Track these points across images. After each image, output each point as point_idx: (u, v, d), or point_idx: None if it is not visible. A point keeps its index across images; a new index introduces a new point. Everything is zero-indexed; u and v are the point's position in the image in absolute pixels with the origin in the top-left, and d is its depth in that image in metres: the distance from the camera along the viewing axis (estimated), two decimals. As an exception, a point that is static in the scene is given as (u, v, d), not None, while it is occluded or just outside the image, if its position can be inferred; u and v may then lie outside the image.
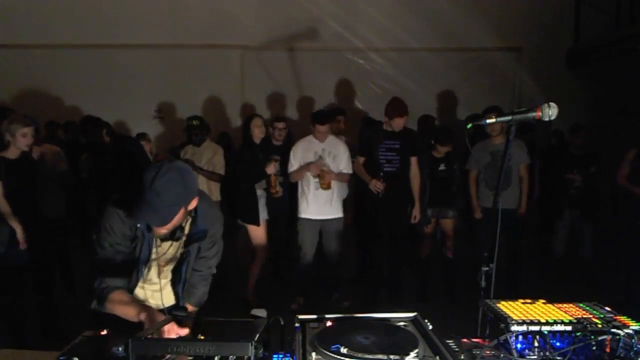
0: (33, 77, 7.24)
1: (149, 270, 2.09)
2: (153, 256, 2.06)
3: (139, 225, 1.94)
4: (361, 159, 4.75)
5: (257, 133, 4.71)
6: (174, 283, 2.17)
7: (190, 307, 2.16)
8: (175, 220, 1.87)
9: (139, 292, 2.12)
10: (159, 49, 7.20)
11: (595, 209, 5.53)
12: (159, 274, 2.11)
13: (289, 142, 5.10)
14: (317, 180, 4.60)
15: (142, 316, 1.78)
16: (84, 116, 5.67)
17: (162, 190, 1.75)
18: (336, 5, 7.28)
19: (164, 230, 1.91)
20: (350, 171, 4.75)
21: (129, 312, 1.86)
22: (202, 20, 7.24)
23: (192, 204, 1.92)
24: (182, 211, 1.86)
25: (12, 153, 3.81)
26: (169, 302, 2.18)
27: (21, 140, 3.77)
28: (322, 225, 4.73)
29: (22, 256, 3.80)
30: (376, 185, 4.55)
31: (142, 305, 1.89)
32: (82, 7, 7.16)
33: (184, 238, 2.05)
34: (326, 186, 4.57)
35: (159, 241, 2.04)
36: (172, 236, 1.96)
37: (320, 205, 4.65)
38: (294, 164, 4.70)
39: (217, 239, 2.18)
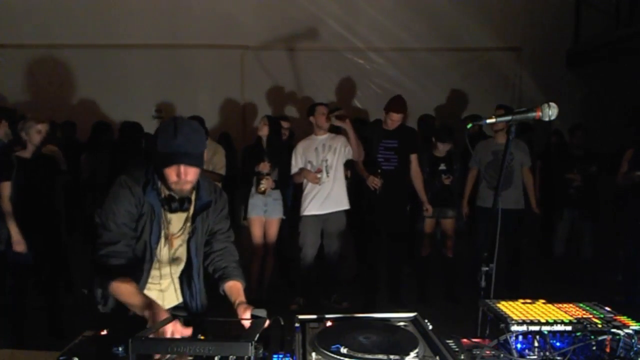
0: (33, 77, 7.24)
1: (160, 251, 2.04)
2: (163, 232, 2.02)
3: (148, 199, 1.94)
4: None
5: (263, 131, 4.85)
6: (183, 280, 2.14)
7: (240, 283, 2.05)
8: (199, 171, 1.93)
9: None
10: (159, 49, 7.19)
11: (595, 209, 5.53)
12: (170, 261, 2.07)
13: (290, 142, 5.14)
14: (319, 175, 4.62)
15: (147, 313, 1.76)
16: (125, 122, 5.38)
17: (188, 136, 1.83)
18: (336, 5, 7.27)
19: (188, 185, 1.91)
20: (357, 154, 4.67)
21: (133, 303, 1.83)
22: (202, 20, 7.23)
23: (205, 157, 1.99)
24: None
25: (27, 152, 3.89)
26: (173, 303, 2.15)
27: (35, 136, 3.88)
28: (324, 221, 4.73)
29: (24, 256, 3.82)
30: (373, 182, 4.55)
31: (147, 300, 1.84)
32: (82, 7, 7.14)
33: (191, 211, 2.05)
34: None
35: (167, 216, 2.02)
36: (181, 206, 1.98)
37: (322, 200, 4.66)
38: (295, 165, 4.74)
39: (226, 215, 2.19)
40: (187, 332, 1.69)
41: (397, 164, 4.69)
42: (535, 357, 1.62)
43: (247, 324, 1.78)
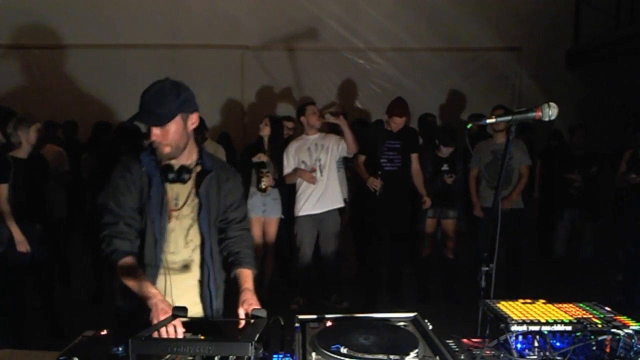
0: (33, 77, 7.24)
1: (170, 234, 1.98)
2: (169, 206, 1.97)
3: (145, 167, 1.94)
4: (361, 157, 4.76)
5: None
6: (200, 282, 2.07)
7: (249, 270, 2.02)
8: (174, 132, 1.89)
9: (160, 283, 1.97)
10: (159, 49, 7.19)
11: (595, 209, 5.52)
12: (184, 237, 2.01)
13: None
14: (313, 174, 4.63)
15: (149, 302, 1.76)
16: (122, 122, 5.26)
17: (154, 95, 1.87)
18: (336, 5, 7.27)
19: (165, 148, 1.89)
20: (352, 150, 4.65)
21: (136, 290, 1.83)
22: (202, 20, 7.23)
23: (193, 120, 1.96)
24: (179, 121, 1.90)
25: (22, 152, 3.86)
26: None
27: (34, 135, 3.86)
28: (319, 221, 4.73)
29: (23, 256, 3.81)
30: (373, 183, 4.56)
31: (149, 289, 1.82)
32: (82, 7, 7.15)
33: (193, 184, 2.00)
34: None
35: (173, 190, 1.99)
36: (179, 176, 1.95)
37: (317, 199, 4.66)
38: (287, 166, 4.72)
39: (239, 200, 2.12)
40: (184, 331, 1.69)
41: (400, 164, 4.69)
42: (535, 357, 1.62)
43: (246, 323, 1.78)
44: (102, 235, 1.93)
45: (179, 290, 2.01)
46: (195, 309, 2.04)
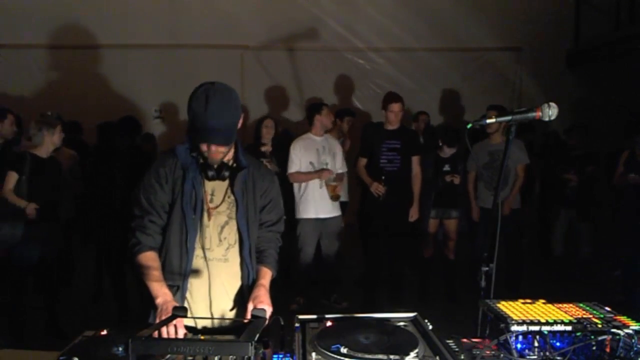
0: (33, 77, 7.23)
1: (204, 230, 1.95)
2: (206, 202, 1.95)
3: (180, 160, 1.92)
4: (363, 161, 4.75)
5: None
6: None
7: (269, 270, 2.02)
8: (227, 147, 1.91)
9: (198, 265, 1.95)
10: (159, 49, 7.19)
11: (592, 209, 5.51)
12: (218, 234, 1.97)
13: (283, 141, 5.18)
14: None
15: (158, 301, 1.80)
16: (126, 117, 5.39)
17: (218, 111, 1.79)
18: (336, 5, 7.27)
19: (219, 155, 1.88)
20: (346, 169, 4.86)
21: (149, 285, 1.85)
22: (202, 20, 7.23)
23: (240, 123, 1.94)
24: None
25: (43, 152, 3.86)
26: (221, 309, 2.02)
27: (58, 137, 3.89)
28: (322, 225, 4.73)
29: (33, 256, 3.83)
30: (378, 189, 4.54)
31: (161, 289, 1.84)
32: (82, 7, 7.14)
33: (229, 181, 1.98)
34: (337, 197, 4.65)
35: (210, 187, 1.97)
36: (218, 174, 1.93)
37: (322, 204, 4.66)
38: (293, 164, 4.65)
39: (274, 201, 2.09)
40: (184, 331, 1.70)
41: (400, 165, 4.67)
42: (535, 357, 1.62)
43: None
44: (131, 226, 1.96)
45: (216, 287, 1.99)
46: (233, 310, 2.02)
